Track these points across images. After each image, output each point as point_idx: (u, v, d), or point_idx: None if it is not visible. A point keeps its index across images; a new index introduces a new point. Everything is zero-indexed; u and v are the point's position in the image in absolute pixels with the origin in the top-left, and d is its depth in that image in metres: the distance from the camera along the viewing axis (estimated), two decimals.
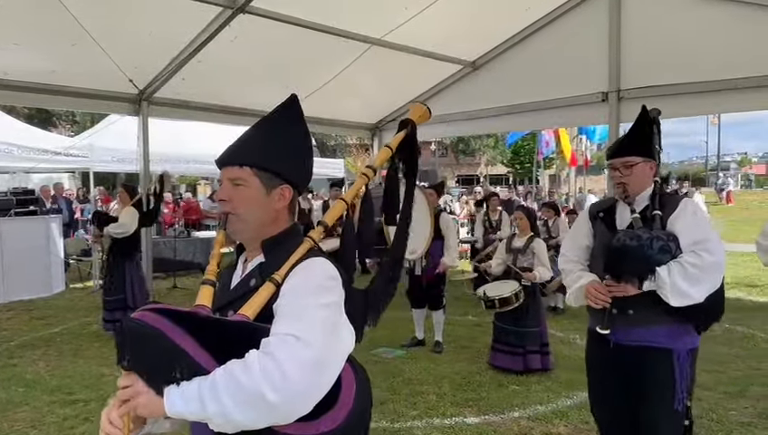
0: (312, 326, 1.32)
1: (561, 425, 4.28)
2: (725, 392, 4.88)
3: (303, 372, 1.26)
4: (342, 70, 9.02)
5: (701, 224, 2.69)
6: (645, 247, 2.57)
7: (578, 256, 2.99)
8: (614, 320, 2.70)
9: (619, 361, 2.74)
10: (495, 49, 9.81)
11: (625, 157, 2.80)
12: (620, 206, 2.85)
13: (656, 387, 2.66)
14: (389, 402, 4.73)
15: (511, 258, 5.65)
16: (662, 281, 2.56)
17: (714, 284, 2.60)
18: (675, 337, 2.66)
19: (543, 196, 21.99)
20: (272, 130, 1.64)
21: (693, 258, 2.57)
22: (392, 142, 1.85)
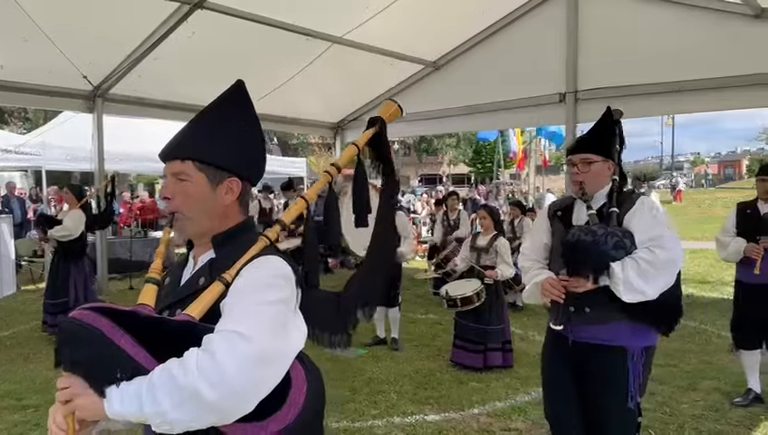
0: (257, 323, 1.28)
1: (519, 421, 4.33)
2: (678, 386, 5.01)
3: (243, 368, 1.22)
4: (303, 68, 8.97)
5: (657, 221, 2.70)
6: (599, 243, 2.59)
7: (537, 254, 3.01)
8: (571, 318, 2.72)
9: (575, 358, 2.76)
10: (456, 49, 9.89)
11: (584, 154, 2.83)
12: (578, 204, 2.87)
13: (609, 385, 2.68)
14: (350, 402, 4.71)
15: (474, 257, 5.70)
16: (615, 276, 2.57)
17: (667, 280, 2.61)
18: (630, 336, 2.67)
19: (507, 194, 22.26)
20: (216, 120, 1.56)
21: (646, 254, 2.58)
22: (359, 140, 1.80)
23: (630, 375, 2.65)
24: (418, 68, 10.22)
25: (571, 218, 2.87)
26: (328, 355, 5.95)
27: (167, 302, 1.50)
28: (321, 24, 7.93)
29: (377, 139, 1.81)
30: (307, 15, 7.61)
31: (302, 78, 9.22)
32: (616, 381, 2.66)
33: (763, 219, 4.47)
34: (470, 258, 5.69)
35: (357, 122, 11.68)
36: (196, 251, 1.59)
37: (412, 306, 8.18)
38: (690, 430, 4.16)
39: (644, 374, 2.74)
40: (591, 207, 2.77)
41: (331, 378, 5.27)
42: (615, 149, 2.91)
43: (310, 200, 1.67)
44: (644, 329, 2.71)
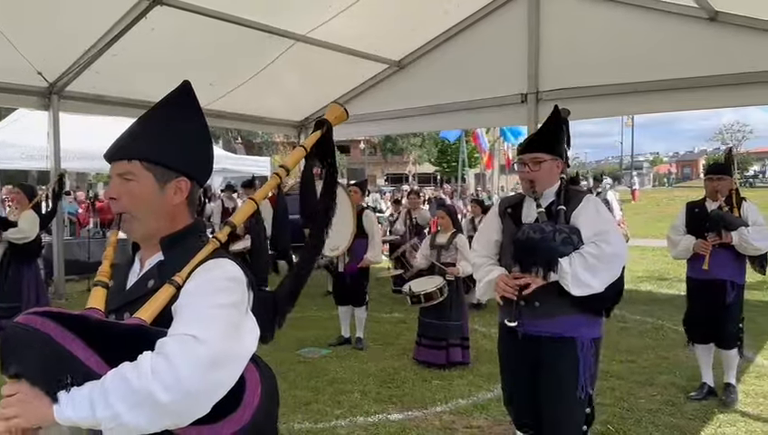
0: (210, 326, 1.28)
1: (481, 418, 4.37)
2: (636, 381, 5.12)
3: (197, 370, 1.21)
4: (266, 66, 8.88)
5: (602, 218, 2.82)
6: (548, 239, 2.67)
7: (488, 250, 3.08)
8: (522, 312, 2.78)
9: (526, 351, 2.84)
10: (420, 49, 9.93)
11: (534, 153, 2.89)
12: (527, 201, 2.94)
13: (560, 375, 2.76)
14: (313, 403, 4.69)
15: (434, 254, 5.74)
16: (563, 271, 2.67)
17: (613, 273, 2.73)
18: (578, 327, 2.77)
19: (470, 194, 22.47)
20: (162, 119, 1.54)
21: (593, 249, 2.69)
22: (306, 142, 1.81)
23: (581, 365, 2.74)
24: (383, 67, 10.22)
25: (520, 216, 2.95)
26: (290, 356, 5.94)
27: (114, 305, 1.47)
28: (283, 22, 7.87)
29: (323, 141, 1.82)
30: (269, 13, 7.55)
31: (266, 76, 9.13)
32: (567, 372, 2.75)
33: (710, 217, 4.59)
34: (430, 256, 5.74)
35: None
36: (143, 253, 1.56)
37: (377, 305, 8.19)
38: (647, 424, 4.26)
39: (594, 366, 2.84)
40: (541, 204, 2.85)
41: (294, 379, 5.24)
42: (564, 148, 2.99)
43: (259, 202, 1.67)
44: (591, 321, 2.82)
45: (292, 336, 6.63)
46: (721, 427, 4.20)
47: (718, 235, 4.50)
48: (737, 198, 4.61)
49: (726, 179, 4.66)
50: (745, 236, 4.38)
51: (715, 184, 4.68)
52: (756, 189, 33.70)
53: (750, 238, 4.38)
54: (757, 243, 4.40)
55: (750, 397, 4.79)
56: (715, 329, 4.62)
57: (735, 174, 4.91)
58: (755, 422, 4.29)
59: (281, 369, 5.50)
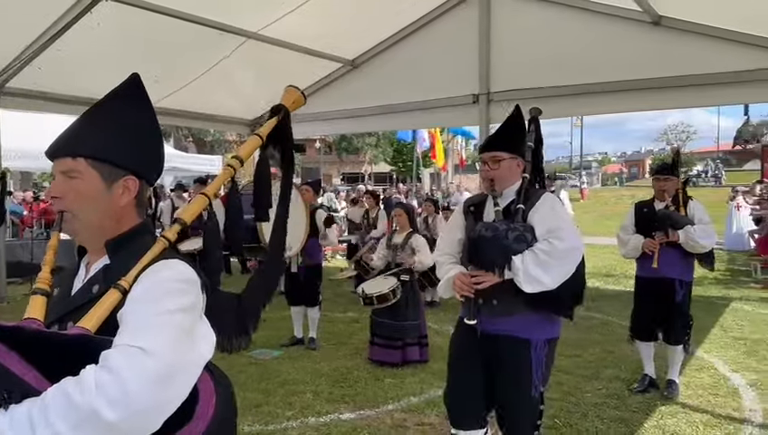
0: (159, 334, 1.19)
1: (432, 415, 4.41)
2: (582, 376, 5.26)
3: (146, 385, 1.12)
4: (217, 63, 8.73)
5: (556, 214, 2.84)
6: (500, 238, 2.70)
7: (451, 248, 3.10)
8: (480, 310, 2.82)
9: (483, 349, 2.86)
10: (374, 48, 9.92)
11: (493, 152, 2.92)
12: (489, 200, 2.97)
13: (514, 375, 2.80)
14: (264, 405, 4.64)
15: (391, 254, 5.76)
16: (516, 268, 2.70)
17: (566, 270, 2.73)
18: (534, 327, 2.80)
19: (425, 193, 22.60)
20: (110, 114, 1.46)
21: (545, 245, 2.71)
22: (262, 130, 1.73)
23: (534, 365, 2.77)
24: (336, 66, 10.18)
25: (482, 214, 2.97)
26: (241, 359, 5.86)
27: (56, 314, 1.38)
28: (234, 19, 7.74)
29: (280, 128, 1.76)
30: (220, 10, 7.42)
31: (216, 73, 8.98)
32: (520, 371, 2.78)
33: (657, 216, 4.73)
34: (386, 256, 5.75)
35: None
36: (89, 257, 1.48)
37: (331, 305, 8.17)
38: (593, 417, 4.37)
39: (547, 365, 2.87)
40: (498, 204, 2.87)
41: (245, 381, 5.18)
42: (526, 147, 3.02)
43: (211, 197, 1.59)
44: (548, 321, 2.85)
45: None
46: (663, 419, 4.35)
47: (665, 234, 4.62)
48: (684, 198, 4.74)
49: (673, 179, 4.79)
50: (691, 235, 4.52)
51: (661, 184, 4.81)
52: (699, 188, 34.94)
53: (696, 237, 4.51)
54: (703, 241, 4.54)
55: (690, 389, 4.97)
56: (663, 326, 4.76)
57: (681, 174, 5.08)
58: (695, 414, 4.46)
59: (231, 372, 5.37)
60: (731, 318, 7.56)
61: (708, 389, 4.98)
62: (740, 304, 8.40)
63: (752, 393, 4.86)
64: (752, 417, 4.38)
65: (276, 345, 6.32)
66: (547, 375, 2.91)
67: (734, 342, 6.41)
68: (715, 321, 7.36)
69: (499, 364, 2.83)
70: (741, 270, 11.64)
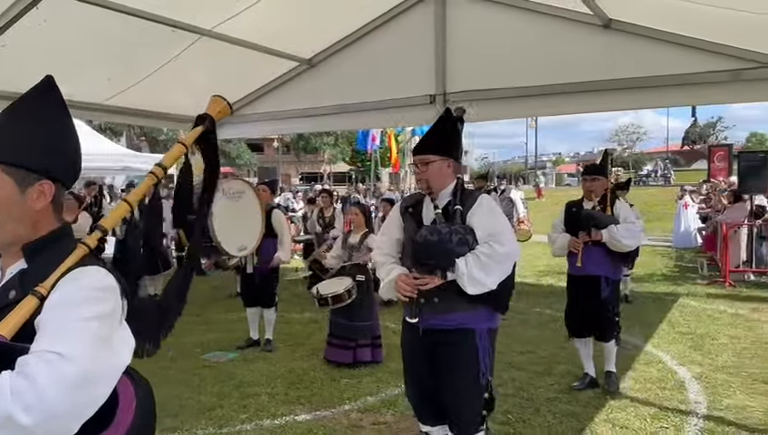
0: (77, 340, 1.19)
1: (388, 414, 4.43)
2: (535, 371, 5.35)
3: (63, 390, 1.12)
4: (169, 61, 8.54)
5: (495, 218, 2.96)
6: (444, 241, 2.79)
7: (390, 249, 3.15)
8: (422, 309, 2.89)
9: (427, 345, 2.94)
10: (331, 47, 9.84)
11: (423, 155, 2.99)
12: (427, 201, 3.03)
13: (461, 364, 2.89)
14: (218, 408, 4.58)
15: (346, 254, 5.74)
16: (460, 271, 2.79)
17: (505, 272, 2.89)
18: (476, 319, 2.90)
19: (383, 193, 22.62)
20: (23, 117, 1.42)
21: (487, 249, 2.82)
22: (187, 138, 1.74)
23: (480, 353, 2.88)
24: (293, 65, 10.07)
25: (421, 215, 3.03)
26: (195, 362, 5.77)
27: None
28: (187, 16, 7.57)
29: (207, 137, 1.76)
30: (173, 6, 7.24)
31: (170, 71, 8.74)
32: (467, 360, 2.88)
33: (581, 216, 4.84)
34: (342, 256, 5.73)
35: (230, 118, 11.26)
36: (4, 262, 1.44)
37: (289, 306, 8.10)
38: (545, 412, 4.46)
39: (491, 354, 2.98)
40: (438, 205, 2.95)
41: (199, 384, 5.11)
42: (458, 148, 3.07)
43: (133, 204, 1.59)
44: (486, 312, 2.95)
45: (197, 341, 6.46)
46: (612, 412, 4.47)
47: (588, 233, 4.74)
48: (612, 198, 4.85)
49: (600, 180, 4.89)
50: (614, 234, 4.63)
51: (589, 184, 4.92)
52: (649, 187, 36.03)
53: (618, 236, 4.62)
54: (625, 240, 4.65)
55: (639, 383, 5.12)
56: (592, 323, 4.86)
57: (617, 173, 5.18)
58: (644, 407, 4.59)
59: (184, 375, 5.35)
60: (678, 313, 7.81)
61: (656, 382, 5.13)
62: (687, 300, 8.68)
63: (697, 386, 5.04)
64: (696, 409, 4.54)
65: (231, 347, 6.24)
66: (492, 363, 3.00)
67: (681, 336, 6.63)
68: (663, 316, 7.60)
69: (444, 358, 2.91)
70: (688, 267, 12.04)
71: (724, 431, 4.13)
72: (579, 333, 4.99)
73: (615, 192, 5.01)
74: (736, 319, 7.44)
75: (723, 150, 19.89)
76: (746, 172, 10.46)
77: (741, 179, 10.79)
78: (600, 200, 4.83)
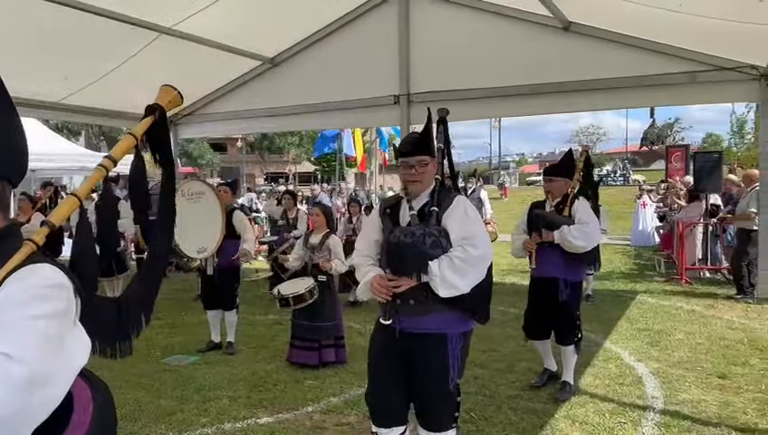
0: (26, 341, 1.15)
1: (351, 415, 4.42)
2: (497, 369, 5.41)
3: (11, 393, 1.09)
4: (128, 59, 8.38)
5: (470, 220, 2.96)
6: (418, 244, 2.79)
7: (369, 250, 3.14)
8: (398, 311, 2.89)
9: (401, 347, 2.93)
10: (294, 46, 9.82)
11: (421, 156, 2.98)
12: (404, 203, 3.03)
13: (433, 369, 2.90)
14: (178, 412, 4.50)
15: (308, 254, 5.70)
16: (433, 274, 2.78)
17: (478, 275, 2.88)
18: (449, 323, 2.91)
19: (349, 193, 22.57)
20: None
21: (460, 252, 2.82)
22: (136, 129, 1.69)
23: (450, 359, 2.89)
24: (256, 64, 10.00)
25: (398, 216, 3.03)
26: (155, 366, 5.67)
27: None
28: (146, 13, 7.45)
29: (156, 129, 1.73)
30: (131, 4, 7.12)
31: (129, 69, 8.61)
32: (438, 366, 2.89)
33: (533, 217, 4.78)
34: (304, 256, 5.69)
35: (192, 117, 11.19)
36: None
37: (251, 308, 8.02)
38: (507, 409, 4.51)
39: (462, 357, 2.99)
40: (413, 207, 2.96)
41: (159, 388, 5.01)
42: (439, 148, 3.09)
43: (82, 198, 1.54)
44: (460, 315, 2.96)
45: (157, 344, 6.35)
46: (572, 409, 4.54)
47: (539, 234, 4.70)
48: (572, 198, 4.75)
49: (558, 181, 4.82)
50: (565, 235, 4.54)
51: (547, 185, 4.89)
52: (609, 187, 36.78)
53: (569, 236, 4.52)
54: (577, 241, 4.53)
55: (598, 379, 5.21)
56: (551, 325, 4.84)
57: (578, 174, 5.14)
58: (603, 402, 4.68)
59: (143, 379, 5.24)
60: (636, 310, 7.99)
61: (615, 378, 5.23)
62: (645, 297, 8.88)
63: (654, 381, 5.15)
64: (654, 404, 4.64)
65: (193, 351, 6.14)
66: (462, 367, 3.02)
67: (639, 333, 6.78)
68: (621, 313, 7.76)
69: (417, 361, 2.92)
70: (646, 265, 12.32)
71: (680, 425, 4.22)
72: (536, 335, 4.97)
73: (587, 192, 4.92)
74: (692, 315, 7.64)
75: (680, 151, 20.36)
76: (701, 172, 10.76)
77: (696, 179, 11.10)
78: (561, 201, 4.79)
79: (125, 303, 1.62)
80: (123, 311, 1.61)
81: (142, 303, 1.68)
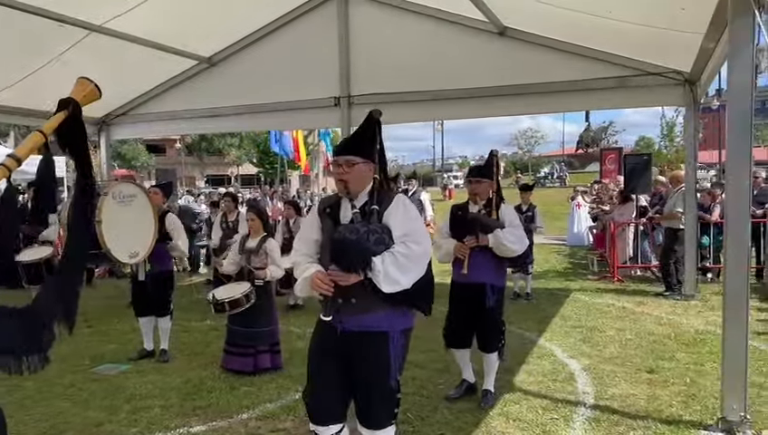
0: None
1: (288, 420, 4.36)
2: (435, 369, 5.45)
3: None
4: (56, 57, 8.06)
5: (410, 217, 3.02)
6: (362, 240, 2.82)
7: (308, 249, 3.14)
8: (340, 309, 2.91)
9: (343, 346, 2.94)
10: (232, 46, 9.68)
11: (348, 156, 2.99)
12: (344, 202, 3.05)
13: (374, 367, 2.92)
14: (106, 423, 4.34)
15: (244, 259, 5.59)
16: (376, 270, 2.82)
17: (420, 271, 2.94)
18: (391, 320, 2.95)
19: (291, 195, 22.36)
20: None
21: (403, 248, 2.87)
22: (46, 127, 1.60)
23: (392, 356, 2.92)
24: (192, 63, 9.80)
25: (338, 215, 3.04)
26: (84, 375, 5.46)
27: None
28: (75, 11, 7.18)
29: (70, 124, 1.64)
30: (59, 0, 6.84)
31: (57, 68, 8.28)
32: (379, 363, 2.91)
33: (467, 220, 4.63)
34: (240, 260, 5.58)
35: (125, 117, 10.89)
36: None
37: (187, 313, 7.83)
38: (443, 409, 4.55)
39: (403, 355, 3.05)
40: (355, 205, 2.98)
41: (86, 399, 4.83)
42: (377, 150, 3.10)
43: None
44: (403, 313, 3.00)
45: (87, 353, 6.12)
46: (507, 406, 4.61)
47: (475, 238, 4.49)
48: (497, 201, 4.63)
49: (484, 182, 4.64)
50: (500, 238, 4.43)
51: (473, 187, 4.70)
52: (547, 189, 37.81)
53: (504, 240, 4.43)
54: (512, 245, 4.45)
55: (532, 376, 5.33)
56: (475, 333, 4.67)
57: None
58: (536, 399, 4.77)
59: (70, 390, 5.04)
60: (570, 308, 8.21)
61: (548, 375, 5.35)
62: (579, 295, 9.14)
63: (585, 377, 5.30)
64: (585, 399, 4.77)
65: (124, 359, 5.94)
66: (403, 365, 3.07)
67: (572, 330, 6.97)
68: (556, 311, 7.96)
69: (358, 358, 2.93)
70: (580, 263, 12.69)
71: (610, 419, 4.35)
72: (459, 343, 4.76)
73: (501, 195, 4.71)
74: (623, 312, 7.91)
75: (614, 153, 21.12)
76: (632, 173, 11.17)
77: (627, 180, 11.51)
78: (486, 203, 4.63)
79: (31, 313, 1.53)
80: (31, 322, 1.52)
81: (55, 312, 1.58)
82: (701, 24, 5.54)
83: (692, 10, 5.33)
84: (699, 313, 7.74)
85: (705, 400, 4.65)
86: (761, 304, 8.07)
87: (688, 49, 6.66)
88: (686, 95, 8.17)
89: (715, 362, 5.36)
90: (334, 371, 2.98)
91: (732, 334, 4.06)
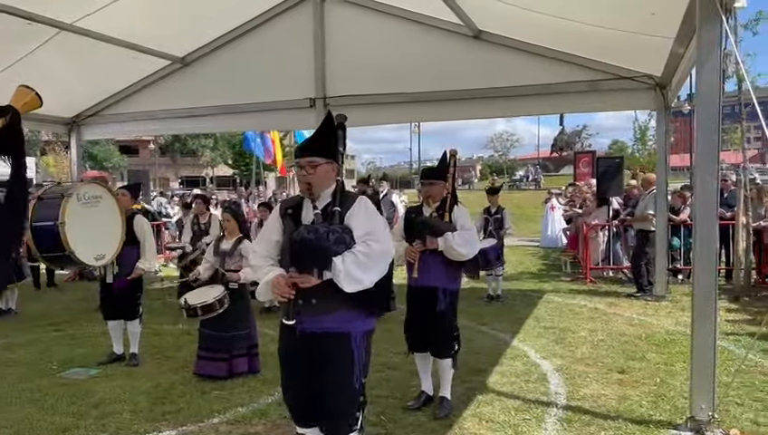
0: None
1: (260, 424, 4.31)
2: (409, 371, 5.41)
3: None
4: (25, 56, 7.90)
5: (371, 217, 3.01)
6: (322, 240, 2.80)
7: (268, 251, 3.12)
8: (300, 311, 2.88)
9: (305, 348, 2.93)
10: (206, 46, 9.60)
11: (310, 157, 2.97)
12: (306, 203, 3.03)
13: (337, 368, 2.91)
14: (74, 429, 4.25)
15: (219, 261, 5.51)
16: (337, 269, 2.80)
17: (382, 269, 2.93)
18: (352, 321, 2.93)
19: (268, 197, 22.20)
20: None
21: (364, 247, 2.87)
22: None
23: (356, 357, 2.92)
24: (165, 63, 9.68)
25: (300, 216, 3.02)
26: (52, 380, 5.35)
27: None
28: (44, 8, 7.04)
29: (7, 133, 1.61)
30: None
31: (26, 67, 8.11)
32: (342, 364, 2.91)
33: (415, 223, 4.51)
34: (215, 263, 5.50)
35: (96, 117, 10.71)
36: None
37: (159, 317, 7.71)
38: (416, 411, 4.52)
39: (366, 357, 3.03)
40: (317, 206, 2.97)
41: (53, 404, 4.73)
42: (339, 151, 3.09)
43: None
44: (364, 315, 2.99)
45: (55, 357, 6.01)
46: (480, 407, 4.63)
47: (423, 241, 4.40)
48: (451, 203, 4.54)
49: (438, 184, 4.56)
50: (450, 242, 4.33)
51: (426, 189, 4.62)
52: (522, 191, 38.17)
53: (454, 244, 4.33)
54: (461, 248, 4.35)
55: (505, 377, 5.35)
56: (429, 337, 4.52)
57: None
58: (509, 400, 4.79)
59: (36, 395, 4.93)
60: (543, 309, 8.27)
61: (521, 376, 5.38)
62: (552, 296, 9.22)
63: (557, 378, 5.34)
64: (557, 400, 4.81)
65: (93, 363, 5.83)
66: (367, 366, 3.05)
67: (545, 331, 7.02)
68: (530, 312, 8.01)
69: (321, 361, 2.92)
70: (554, 265, 12.80)
71: (581, 420, 4.38)
72: (418, 347, 4.62)
73: (455, 197, 4.59)
74: (595, 313, 7.99)
75: (587, 156, 21.34)
76: (604, 176, 11.31)
77: (599, 183, 11.65)
78: (440, 206, 4.53)
79: None
80: None
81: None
82: (671, 28, 5.63)
83: (662, 15, 5.41)
84: (670, 313, 7.86)
85: (674, 399, 4.71)
86: (730, 305, 8.22)
87: (659, 53, 6.77)
88: (657, 99, 8.30)
89: (685, 362, 5.44)
90: (301, 373, 2.97)
91: (701, 335, 4.12)
